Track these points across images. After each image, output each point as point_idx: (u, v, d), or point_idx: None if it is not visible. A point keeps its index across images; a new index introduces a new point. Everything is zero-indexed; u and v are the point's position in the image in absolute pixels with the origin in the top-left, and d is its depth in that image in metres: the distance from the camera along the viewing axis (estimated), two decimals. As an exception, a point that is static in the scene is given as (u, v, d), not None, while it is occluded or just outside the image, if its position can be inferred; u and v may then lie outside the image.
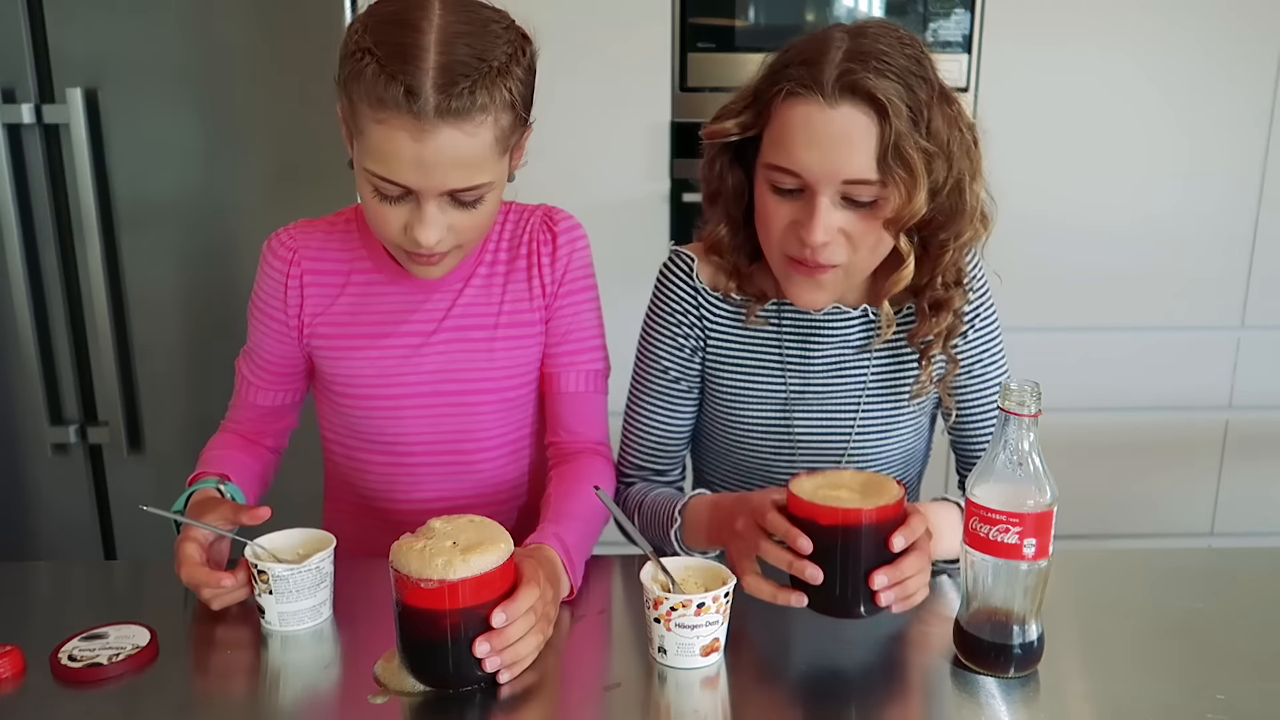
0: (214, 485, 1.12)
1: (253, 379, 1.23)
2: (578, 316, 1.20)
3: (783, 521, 0.93)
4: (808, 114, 0.99)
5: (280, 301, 1.17)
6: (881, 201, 1.01)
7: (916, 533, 0.92)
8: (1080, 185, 2.20)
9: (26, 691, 0.90)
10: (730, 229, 1.13)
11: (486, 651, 0.87)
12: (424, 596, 0.86)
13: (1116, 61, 2.14)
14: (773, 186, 1.04)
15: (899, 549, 0.91)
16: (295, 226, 1.19)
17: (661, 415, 1.22)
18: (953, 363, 1.16)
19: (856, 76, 0.97)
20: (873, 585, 0.90)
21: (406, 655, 0.90)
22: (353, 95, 0.99)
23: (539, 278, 1.18)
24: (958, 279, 1.11)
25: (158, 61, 1.92)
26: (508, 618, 0.88)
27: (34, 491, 2.12)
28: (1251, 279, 2.28)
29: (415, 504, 1.21)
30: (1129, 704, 0.88)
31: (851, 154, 0.98)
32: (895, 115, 0.97)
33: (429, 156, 0.97)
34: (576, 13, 2.04)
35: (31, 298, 1.99)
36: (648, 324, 1.22)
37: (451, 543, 0.88)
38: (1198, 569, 1.19)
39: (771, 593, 0.94)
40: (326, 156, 1.91)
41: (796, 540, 0.91)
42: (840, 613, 0.93)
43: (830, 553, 0.91)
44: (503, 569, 0.89)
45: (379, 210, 1.03)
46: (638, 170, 2.15)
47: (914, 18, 2.13)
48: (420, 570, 0.86)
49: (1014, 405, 0.87)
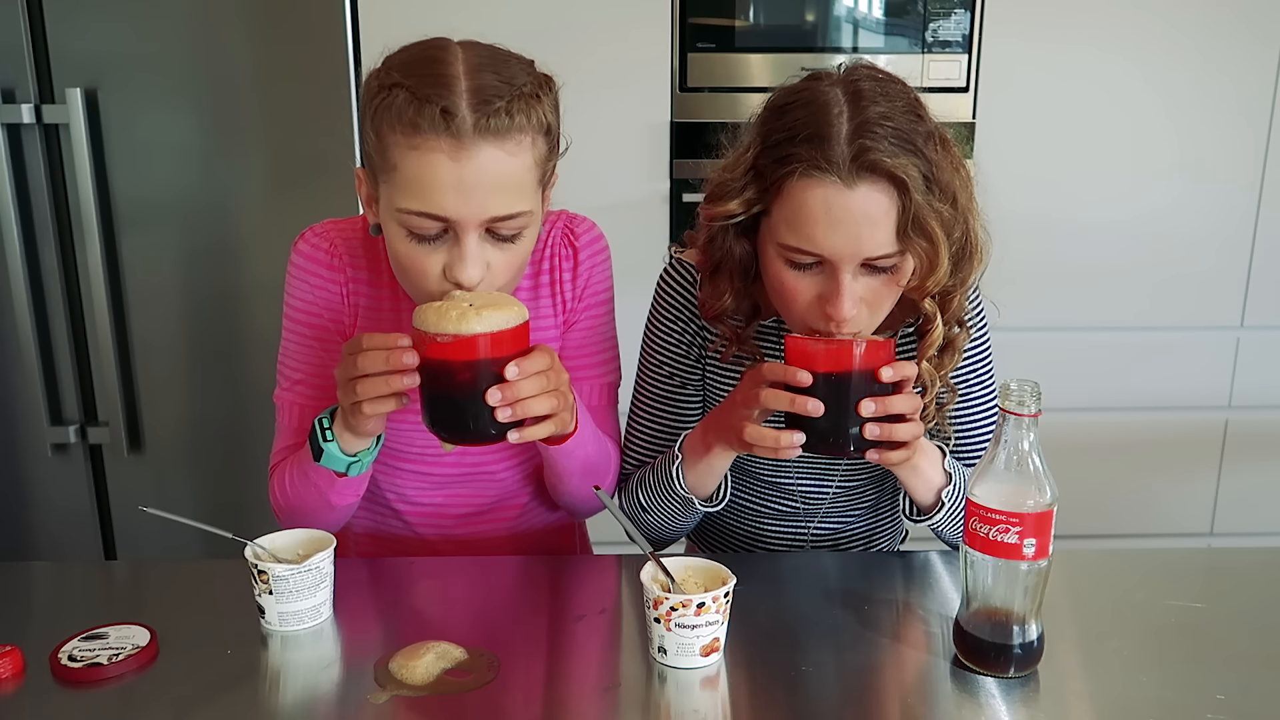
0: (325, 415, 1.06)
1: (313, 403, 1.14)
2: (595, 330, 1.19)
3: (780, 365, 0.98)
4: (825, 197, 0.96)
5: (340, 302, 1.13)
6: (901, 267, 1.00)
7: (905, 370, 0.97)
8: (1080, 185, 2.20)
9: (26, 691, 0.90)
10: (735, 299, 1.11)
11: (498, 400, 0.91)
12: (441, 350, 0.91)
13: (1117, 61, 2.14)
14: (790, 265, 1.02)
15: (888, 379, 0.96)
16: (326, 227, 1.15)
17: (664, 416, 1.22)
18: (951, 392, 1.15)
19: (872, 156, 0.95)
20: (860, 413, 0.95)
21: (427, 411, 0.96)
22: (382, 131, 0.96)
23: (560, 294, 1.17)
24: (960, 320, 1.11)
25: (158, 61, 1.92)
26: (521, 371, 0.92)
27: (34, 491, 2.13)
28: (1251, 279, 2.28)
29: (429, 509, 1.22)
30: (1129, 704, 0.88)
31: (873, 232, 0.97)
32: (914, 189, 0.96)
33: (469, 178, 0.94)
34: (576, 12, 2.04)
35: (31, 298, 1.99)
36: (649, 328, 1.22)
37: (468, 304, 0.93)
38: (1198, 569, 1.19)
39: (774, 438, 0.98)
40: (326, 157, 1.91)
41: (796, 375, 0.95)
42: (833, 448, 0.98)
43: (823, 387, 0.96)
44: (517, 330, 0.94)
45: (414, 257, 0.98)
46: (638, 170, 2.15)
47: (914, 18, 2.12)
48: (437, 324, 0.90)
49: (1014, 405, 0.87)
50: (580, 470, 1.13)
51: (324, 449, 1.04)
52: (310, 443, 1.06)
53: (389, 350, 0.94)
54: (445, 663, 0.92)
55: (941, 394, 1.15)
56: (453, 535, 1.23)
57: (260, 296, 2.04)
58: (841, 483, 1.23)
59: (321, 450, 1.04)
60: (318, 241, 1.14)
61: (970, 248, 1.05)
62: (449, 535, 1.23)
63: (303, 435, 1.13)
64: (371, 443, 1.07)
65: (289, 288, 1.15)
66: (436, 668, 0.91)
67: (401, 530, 1.24)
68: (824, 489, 1.23)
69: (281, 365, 1.17)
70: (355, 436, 1.04)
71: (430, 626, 1.01)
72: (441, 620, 1.04)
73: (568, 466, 1.12)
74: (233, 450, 2.13)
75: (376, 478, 1.19)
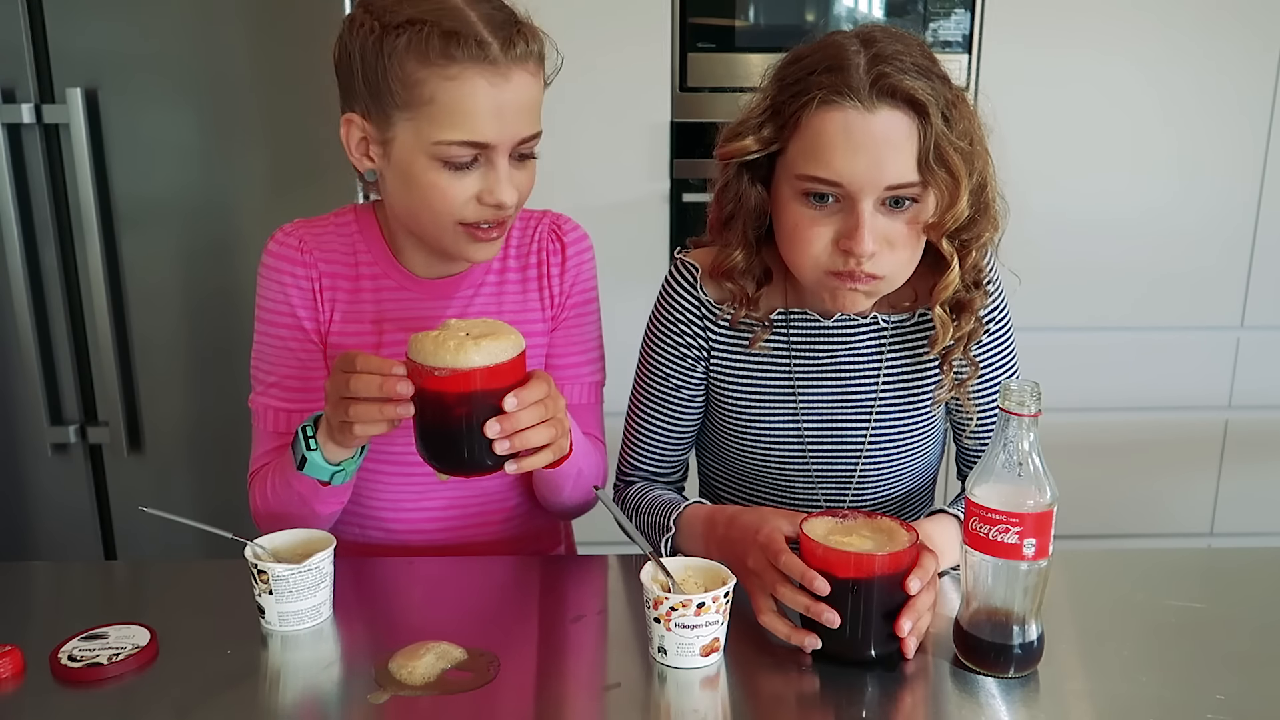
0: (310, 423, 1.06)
1: (289, 405, 1.14)
2: (582, 329, 1.20)
3: (800, 564, 0.92)
4: (846, 120, 0.96)
5: (313, 299, 1.13)
6: (919, 206, 1.00)
7: (930, 573, 0.93)
8: (1081, 184, 2.20)
9: (26, 691, 0.90)
10: (745, 253, 1.10)
11: (497, 432, 0.91)
12: (438, 383, 0.90)
13: (1117, 61, 2.14)
14: (807, 201, 1.01)
15: (915, 590, 0.91)
16: (296, 226, 1.15)
17: (663, 421, 1.22)
18: (973, 367, 1.14)
19: (892, 80, 0.95)
20: (899, 632, 0.91)
21: (421, 442, 0.95)
22: (408, 67, 0.97)
23: (548, 289, 1.18)
24: (977, 280, 1.10)
25: (158, 61, 1.92)
26: (519, 403, 0.92)
27: (34, 491, 2.12)
28: (1251, 279, 2.28)
29: (414, 514, 1.20)
30: (1129, 704, 0.88)
31: (895, 157, 0.97)
32: (934, 115, 0.96)
33: (509, 101, 0.99)
34: (576, 13, 2.04)
35: (31, 297, 1.99)
36: (650, 332, 1.21)
37: (464, 334, 0.92)
38: (1197, 569, 1.19)
39: (786, 632, 0.94)
40: (326, 156, 1.91)
41: (814, 582, 0.90)
42: (852, 657, 0.93)
43: (845, 600, 0.91)
44: (514, 362, 0.93)
45: (446, 188, 1.01)
46: (638, 170, 2.15)
47: (914, 18, 2.12)
48: (435, 356, 0.90)
49: (1014, 405, 0.87)
50: (573, 483, 1.13)
51: (307, 457, 1.03)
52: (293, 450, 1.05)
53: (384, 377, 0.93)
54: (445, 663, 0.92)
55: (962, 369, 1.14)
56: (437, 541, 1.21)
57: (260, 296, 2.04)
58: (856, 497, 1.21)
59: (305, 459, 1.04)
60: (287, 240, 1.14)
61: (988, 198, 1.04)
62: (434, 541, 1.21)
63: (281, 439, 1.12)
64: (355, 452, 1.06)
65: (261, 289, 1.14)
66: (436, 668, 0.91)
67: (385, 539, 1.22)
68: (840, 501, 1.21)
69: (255, 369, 1.16)
70: (339, 447, 1.03)
71: (430, 626, 1.01)
72: (441, 620, 1.04)
73: (560, 484, 1.13)
74: (233, 450, 2.11)
75: (360, 485, 1.17)
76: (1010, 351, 1.20)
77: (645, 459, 1.23)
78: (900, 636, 0.91)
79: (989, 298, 1.13)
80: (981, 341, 1.15)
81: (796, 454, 1.19)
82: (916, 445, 1.20)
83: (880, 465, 1.19)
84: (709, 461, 1.29)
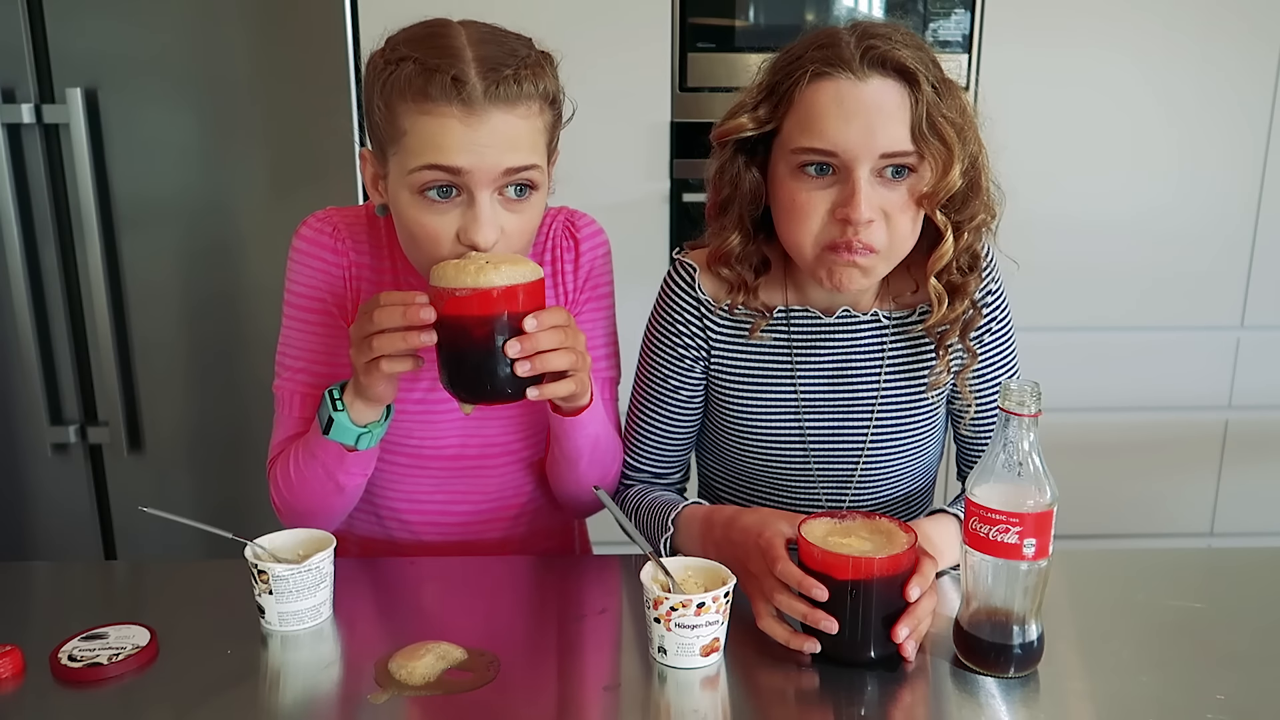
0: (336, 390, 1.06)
1: (316, 391, 1.13)
2: (596, 324, 1.20)
3: (797, 572, 0.93)
4: (838, 90, 0.99)
5: (343, 285, 1.13)
6: (915, 177, 1.01)
7: (929, 579, 0.93)
8: (1080, 184, 2.20)
9: (26, 691, 0.90)
10: (742, 237, 1.10)
11: (518, 351, 0.92)
12: (459, 305, 0.92)
13: (1117, 61, 2.14)
14: (803, 174, 1.02)
15: (915, 598, 0.91)
16: (329, 213, 1.15)
17: (663, 422, 1.22)
18: (971, 355, 1.14)
19: (882, 49, 0.98)
20: (896, 638, 0.91)
21: (445, 370, 0.96)
22: (391, 101, 0.97)
23: (562, 285, 1.18)
24: (973, 264, 1.10)
25: (158, 61, 1.93)
26: (539, 324, 0.93)
27: (34, 491, 2.13)
28: (1251, 279, 2.28)
29: (429, 507, 1.21)
30: (1129, 704, 0.88)
31: (887, 124, 0.98)
32: (925, 85, 0.98)
33: (482, 139, 0.96)
34: (576, 13, 2.04)
35: (31, 297, 1.99)
36: (650, 333, 1.21)
37: (485, 260, 0.94)
38: (1197, 569, 1.19)
39: (786, 637, 0.94)
40: (326, 157, 1.91)
41: (812, 590, 0.91)
42: (852, 659, 0.93)
43: (843, 602, 0.91)
44: (533, 285, 0.95)
45: (426, 223, 0.99)
46: (638, 170, 2.15)
47: (914, 18, 2.12)
48: (456, 279, 0.91)
49: (1014, 405, 0.87)
50: (590, 449, 1.12)
51: (334, 419, 1.04)
52: (319, 415, 1.06)
53: (406, 306, 0.94)
54: (445, 663, 0.92)
55: (960, 357, 1.14)
56: (452, 539, 1.22)
57: (260, 296, 2.04)
58: (856, 497, 1.21)
59: (331, 421, 1.04)
60: (320, 225, 1.14)
61: (979, 185, 1.05)
62: (448, 538, 1.22)
63: (304, 425, 1.12)
64: (381, 415, 1.07)
65: (291, 273, 1.14)
66: (436, 668, 0.91)
67: (400, 533, 1.23)
68: (840, 501, 1.22)
69: (281, 355, 1.16)
70: (367, 404, 1.04)
71: (430, 626, 1.01)
72: (441, 620, 1.04)
73: (579, 444, 1.11)
74: (233, 450, 2.13)
75: (375, 478, 1.17)
76: (1011, 349, 1.20)
77: (645, 460, 1.23)
78: (898, 642, 0.92)
79: (990, 287, 1.13)
80: (983, 340, 1.15)
81: (798, 453, 1.19)
82: (917, 444, 1.20)
83: (881, 465, 1.19)
84: (709, 463, 1.29)
